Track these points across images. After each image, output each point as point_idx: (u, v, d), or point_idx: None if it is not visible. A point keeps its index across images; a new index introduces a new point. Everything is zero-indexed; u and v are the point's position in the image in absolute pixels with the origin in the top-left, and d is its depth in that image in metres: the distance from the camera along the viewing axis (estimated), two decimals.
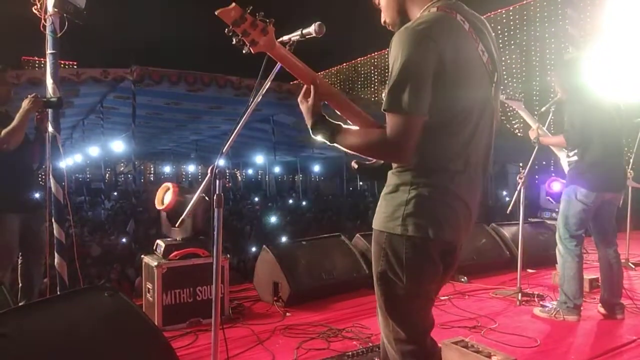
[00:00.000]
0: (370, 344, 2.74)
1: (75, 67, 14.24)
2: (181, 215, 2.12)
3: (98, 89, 10.38)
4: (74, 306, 2.31)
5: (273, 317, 3.43)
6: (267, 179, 24.64)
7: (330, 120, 1.51)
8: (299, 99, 1.56)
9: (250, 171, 31.09)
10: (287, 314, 3.50)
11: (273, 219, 13.18)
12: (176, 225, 2.03)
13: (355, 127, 1.53)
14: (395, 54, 1.34)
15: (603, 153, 3.16)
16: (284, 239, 8.69)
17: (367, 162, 1.63)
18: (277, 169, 25.56)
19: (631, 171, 4.88)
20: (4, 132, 3.14)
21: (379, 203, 1.49)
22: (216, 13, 1.37)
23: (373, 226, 1.48)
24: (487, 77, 1.46)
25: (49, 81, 3.50)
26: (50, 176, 3.46)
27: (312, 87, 1.52)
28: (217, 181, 1.81)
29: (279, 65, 1.86)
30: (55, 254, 3.49)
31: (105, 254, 8.97)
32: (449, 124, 1.39)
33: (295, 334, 3.06)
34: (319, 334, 3.03)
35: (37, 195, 3.63)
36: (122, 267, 7.66)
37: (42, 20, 3.43)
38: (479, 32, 1.46)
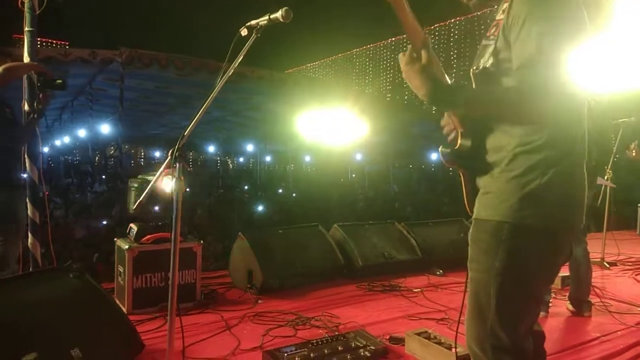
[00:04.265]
0: (337, 333, 2.75)
1: (67, 47, 14.06)
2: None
3: (87, 70, 10.26)
4: (37, 285, 2.30)
5: (244, 304, 3.44)
6: (257, 168, 24.59)
7: (446, 82, 1.34)
8: (404, 63, 1.31)
9: (241, 159, 30.99)
10: (259, 301, 3.51)
11: (261, 208, 13.17)
12: (132, 209, 2.01)
13: (479, 87, 1.39)
14: (531, 5, 1.23)
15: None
16: (269, 227, 8.71)
17: (455, 148, 1.46)
18: (268, 158, 25.51)
19: (610, 171, 4.93)
20: None
21: (488, 188, 1.34)
22: None
23: (482, 216, 1.33)
24: None
25: (27, 60, 3.45)
26: (25, 156, 3.43)
27: (422, 49, 1.31)
28: (178, 164, 1.80)
29: (247, 46, 1.84)
30: (29, 234, 3.46)
31: (89, 236, 8.94)
32: (575, 99, 1.28)
33: (263, 321, 3.07)
34: (287, 322, 3.04)
35: (23, 175, 3.57)
36: (107, 250, 7.64)
37: None
38: None
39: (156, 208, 3.15)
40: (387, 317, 3.19)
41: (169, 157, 1.79)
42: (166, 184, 1.87)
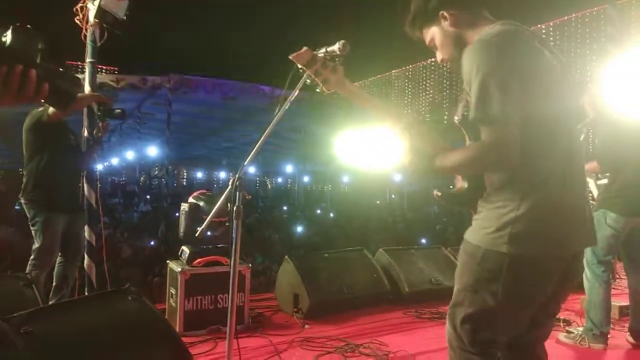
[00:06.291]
0: None
1: (115, 72, 14.73)
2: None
3: (137, 95, 10.75)
4: (98, 309, 2.40)
5: (292, 329, 3.45)
6: (296, 188, 24.83)
7: (422, 150, 1.54)
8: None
9: (279, 179, 31.35)
10: (306, 326, 3.51)
11: (300, 229, 13.24)
12: (196, 235, 2.09)
13: (447, 149, 1.55)
14: (470, 67, 1.36)
15: (635, 175, 3.05)
16: (309, 249, 8.74)
17: (452, 191, 1.67)
18: (306, 179, 25.70)
19: None
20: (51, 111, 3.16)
21: (477, 216, 1.49)
22: (290, 57, 1.49)
23: (467, 238, 1.48)
24: (564, 83, 1.47)
25: (87, 89, 3.65)
26: (84, 180, 3.60)
27: (403, 132, 1.60)
28: (238, 193, 1.86)
29: (305, 75, 1.90)
30: (85, 255, 3.62)
31: (135, 255, 9.19)
32: (542, 134, 1.38)
33: (312, 347, 3.07)
34: (336, 349, 3.02)
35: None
36: (159, 270, 7.79)
37: (84, 30, 3.60)
38: (541, 40, 1.48)
39: (208, 232, 3.24)
40: (438, 346, 3.12)
41: (230, 187, 1.86)
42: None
